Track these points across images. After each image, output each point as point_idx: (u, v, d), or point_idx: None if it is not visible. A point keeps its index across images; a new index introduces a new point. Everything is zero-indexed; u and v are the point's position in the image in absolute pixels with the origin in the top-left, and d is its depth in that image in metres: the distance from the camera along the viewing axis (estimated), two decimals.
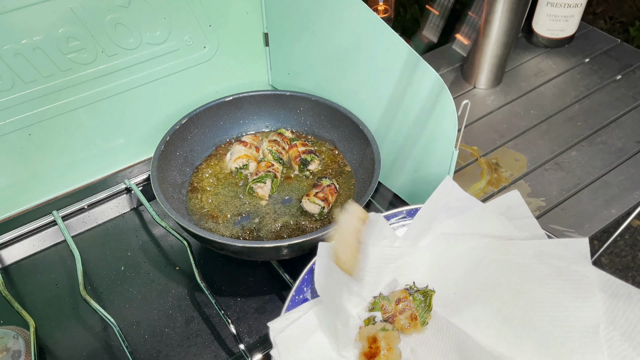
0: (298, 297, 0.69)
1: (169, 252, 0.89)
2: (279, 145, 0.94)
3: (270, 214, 0.88)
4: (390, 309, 0.68)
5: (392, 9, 1.18)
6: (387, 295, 0.70)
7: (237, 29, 0.99)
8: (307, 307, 0.68)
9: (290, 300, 0.68)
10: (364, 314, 0.69)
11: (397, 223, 0.75)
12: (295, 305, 0.68)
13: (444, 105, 0.73)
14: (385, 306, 0.68)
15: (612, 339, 0.59)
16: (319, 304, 0.67)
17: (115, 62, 0.88)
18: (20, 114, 0.84)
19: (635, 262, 1.84)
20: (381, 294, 0.70)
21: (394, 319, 0.67)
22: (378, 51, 0.79)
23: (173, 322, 0.79)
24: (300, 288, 0.69)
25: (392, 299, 0.69)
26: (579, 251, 0.62)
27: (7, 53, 0.78)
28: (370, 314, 0.68)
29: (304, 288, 0.70)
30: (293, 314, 0.66)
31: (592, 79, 1.31)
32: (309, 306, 0.68)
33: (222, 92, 1.03)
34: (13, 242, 0.89)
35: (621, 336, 0.58)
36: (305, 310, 0.67)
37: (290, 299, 0.68)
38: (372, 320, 0.68)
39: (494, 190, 1.07)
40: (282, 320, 0.65)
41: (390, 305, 0.68)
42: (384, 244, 0.71)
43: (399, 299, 0.68)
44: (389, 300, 0.69)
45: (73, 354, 0.76)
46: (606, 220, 1.01)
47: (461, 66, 1.37)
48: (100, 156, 0.96)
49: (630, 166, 1.10)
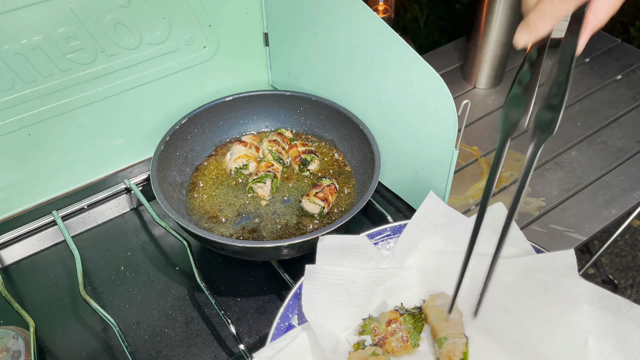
0: (283, 325, 0.67)
1: (169, 252, 0.89)
2: (279, 145, 0.94)
3: (270, 214, 0.88)
4: (381, 331, 0.66)
5: (392, 9, 1.18)
6: (377, 317, 0.68)
7: (237, 29, 0.99)
8: (293, 334, 0.66)
9: (276, 328, 0.66)
10: (353, 338, 0.67)
11: (382, 241, 0.75)
12: (281, 333, 0.66)
13: (444, 105, 0.73)
14: (376, 328, 0.66)
15: (604, 352, 0.58)
16: (305, 330, 0.66)
17: (115, 62, 0.88)
18: (20, 114, 0.84)
19: (635, 262, 1.84)
20: (370, 316, 0.68)
21: (384, 341, 0.66)
22: (378, 51, 0.79)
23: (173, 322, 0.79)
24: (285, 315, 0.67)
25: (382, 320, 0.67)
26: (567, 263, 0.61)
27: (7, 53, 0.77)
28: (360, 337, 0.66)
29: (289, 314, 0.68)
30: (279, 343, 0.64)
31: (592, 79, 1.31)
32: (295, 334, 0.66)
33: (222, 92, 1.03)
34: (13, 242, 0.89)
35: (612, 348, 0.58)
36: (291, 338, 0.65)
37: (275, 327, 0.66)
38: (362, 345, 0.66)
39: (494, 190, 1.07)
40: (267, 350, 0.63)
41: (381, 327, 0.66)
42: (370, 265, 0.70)
43: (390, 320, 0.66)
44: (379, 322, 0.67)
45: (73, 354, 0.76)
46: (606, 220, 1.01)
47: (461, 66, 1.37)
48: (100, 156, 0.96)
49: (630, 166, 1.10)
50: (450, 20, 1.83)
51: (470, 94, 1.30)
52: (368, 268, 0.69)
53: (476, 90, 1.31)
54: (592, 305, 0.60)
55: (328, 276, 0.67)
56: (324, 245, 0.69)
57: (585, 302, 0.60)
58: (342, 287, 0.67)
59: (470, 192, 1.07)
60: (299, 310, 0.68)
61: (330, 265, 0.68)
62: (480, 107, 1.26)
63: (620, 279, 1.79)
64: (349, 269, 0.68)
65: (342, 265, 0.69)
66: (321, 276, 0.67)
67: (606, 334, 0.58)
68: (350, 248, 0.70)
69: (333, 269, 0.68)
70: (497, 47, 1.22)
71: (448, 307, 0.66)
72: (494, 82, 1.30)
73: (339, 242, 0.70)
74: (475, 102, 1.27)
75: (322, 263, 0.69)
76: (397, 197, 0.93)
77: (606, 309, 0.59)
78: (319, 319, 0.65)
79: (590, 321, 0.59)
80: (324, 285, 0.67)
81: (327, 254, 0.69)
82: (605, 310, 0.59)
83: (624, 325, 0.58)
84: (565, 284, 0.61)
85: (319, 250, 0.69)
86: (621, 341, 0.57)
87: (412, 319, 0.68)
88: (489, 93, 1.30)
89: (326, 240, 0.70)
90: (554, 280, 0.61)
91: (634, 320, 0.57)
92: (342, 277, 0.68)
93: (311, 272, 0.67)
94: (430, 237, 0.72)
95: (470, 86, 1.32)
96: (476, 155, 1.15)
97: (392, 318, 0.67)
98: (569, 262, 0.61)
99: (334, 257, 0.69)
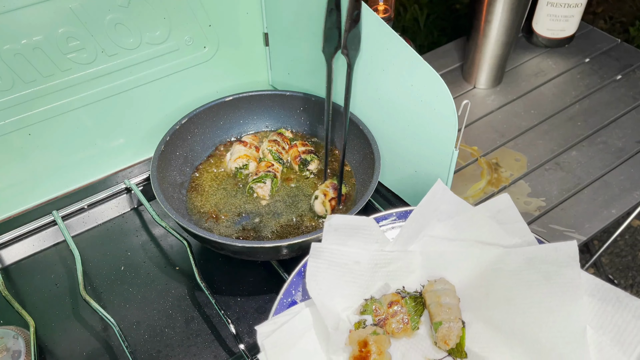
0: (286, 300, 0.68)
1: (169, 252, 0.89)
2: (278, 145, 0.95)
3: (270, 214, 0.88)
4: (382, 312, 0.67)
5: (392, 9, 1.18)
6: (379, 299, 0.69)
7: (237, 29, 0.99)
8: (296, 310, 0.66)
9: (279, 304, 0.67)
10: (354, 318, 0.68)
11: (388, 225, 0.75)
12: (284, 308, 0.67)
13: (444, 105, 0.73)
14: (377, 309, 0.67)
15: (601, 343, 0.58)
16: (309, 307, 0.67)
17: (115, 62, 0.88)
18: (20, 114, 0.84)
19: (635, 262, 1.84)
20: (372, 297, 0.69)
21: (385, 322, 0.67)
22: (378, 51, 0.79)
23: (173, 322, 0.79)
24: (288, 291, 0.68)
25: (384, 302, 0.68)
26: (568, 254, 0.61)
27: (7, 53, 0.78)
28: (361, 317, 0.68)
29: (292, 291, 0.69)
30: (281, 317, 0.65)
31: (592, 79, 1.31)
32: (298, 309, 0.67)
33: (222, 92, 1.03)
34: (13, 242, 0.89)
35: (610, 340, 0.58)
36: (293, 314, 0.66)
37: (278, 302, 0.67)
38: (363, 324, 0.67)
39: (494, 190, 1.07)
40: (270, 324, 0.64)
41: (382, 308, 0.67)
42: (374, 247, 0.71)
43: (392, 302, 0.68)
44: (381, 303, 0.68)
45: (73, 354, 0.76)
46: (606, 220, 1.01)
47: (461, 66, 1.37)
48: (100, 156, 0.96)
49: (630, 166, 1.10)
50: (450, 20, 1.83)
51: (470, 94, 1.30)
52: (373, 250, 0.70)
53: (476, 90, 1.31)
54: (592, 296, 0.60)
55: (333, 255, 0.68)
56: (331, 224, 0.69)
57: (585, 294, 0.60)
58: (347, 267, 0.68)
59: (470, 192, 1.07)
60: (303, 287, 0.69)
61: (336, 244, 0.69)
62: (480, 107, 1.26)
63: (620, 279, 1.79)
64: (354, 249, 0.69)
65: (347, 245, 0.69)
66: (326, 255, 0.68)
67: (604, 325, 0.59)
68: (357, 229, 0.70)
69: (339, 248, 0.68)
70: (497, 47, 1.22)
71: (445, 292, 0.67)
72: (494, 82, 1.30)
73: (347, 222, 0.70)
74: (475, 102, 1.27)
75: (328, 242, 0.69)
76: (397, 197, 0.93)
77: (605, 301, 0.60)
78: (321, 297, 0.65)
79: (589, 312, 0.60)
80: (329, 264, 0.67)
81: (334, 234, 0.69)
82: (604, 302, 0.60)
83: (622, 317, 0.58)
84: (566, 274, 0.61)
85: (325, 229, 0.69)
86: (619, 333, 0.58)
87: (413, 302, 0.69)
88: (489, 93, 1.30)
89: (334, 220, 0.69)
90: (555, 271, 0.61)
91: (633, 313, 0.58)
92: (347, 257, 0.68)
93: (317, 250, 0.67)
94: (435, 224, 0.72)
95: (470, 86, 1.32)
96: (476, 155, 1.15)
97: (394, 300, 0.68)
98: (570, 253, 0.61)
99: (339, 237, 0.69)
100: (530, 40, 1.41)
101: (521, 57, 1.38)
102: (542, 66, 1.36)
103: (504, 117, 1.23)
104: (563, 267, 0.61)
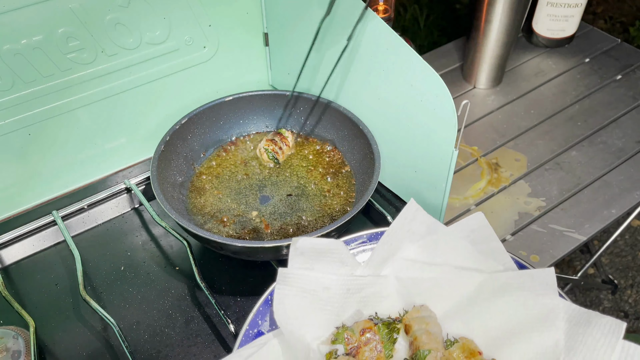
0: (252, 331, 0.64)
1: (169, 252, 0.89)
2: (276, 144, 0.95)
3: (270, 214, 0.88)
4: (354, 340, 0.63)
5: (392, 9, 1.18)
6: (351, 326, 0.65)
7: (237, 29, 0.99)
8: (263, 341, 0.63)
9: (244, 335, 0.63)
10: (325, 348, 0.63)
11: (357, 248, 0.72)
12: (249, 340, 0.63)
13: (444, 105, 0.73)
14: (349, 337, 0.64)
15: None
16: (276, 337, 0.63)
17: (115, 62, 0.88)
18: (20, 114, 0.84)
19: (635, 262, 1.84)
20: (344, 325, 0.65)
21: (357, 351, 0.63)
22: (378, 51, 0.79)
23: (173, 322, 0.79)
24: (254, 321, 0.65)
25: (356, 329, 0.64)
26: (546, 282, 0.61)
27: (7, 53, 0.78)
28: (332, 347, 0.63)
29: (259, 321, 0.65)
30: (247, 350, 0.61)
31: (592, 79, 1.31)
32: (264, 340, 0.63)
33: (222, 92, 1.03)
34: (13, 242, 0.89)
35: None
36: (260, 345, 0.62)
37: (243, 334, 0.63)
38: (334, 354, 0.63)
39: (494, 190, 1.07)
40: (234, 358, 0.60)
41: (355, 336, 0.63)
42: (344, 272, 0.67)
43: (364, 329, 0.64)
44: (353, 331, 0.64)
45: (73, 354, 0.76)
46: (606, 220, 1.01)
47: (461, 66, 1.37)
48: (100, 156, 0.96)
49: (630, 166, 1.10)
50: (450, 20, 1.83)
51: (470, 94, 1.30)
52: (343, 274, 0.67)
53: (476, 90, 1.31)
54: (568, 322, 0.59)
55: (301, 281, 0.64)
56: (297, 248, 0.66)
57: (562, 321, 0.60)
58: (316, 294, 0.64)
59: (470, 192, 1.07)
60: (270, 316, 0.65)
61: (303, 269, 0.65)
62: (480, 107, 1.26)
63: (620, 279, 1.79)
64: (323, 274, 0.65)
65: (315, 269, 0.66)
66: (294, 280, 0.64)
67: (575, 347, 0.58)
68: (325, 252, 0.67)
69: (306, 273, 0.65)
70: (497, 47, 1.22)
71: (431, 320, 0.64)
72: (494, 82, 1.30)
73: (313, 245, 0.67)
74: (475, 102, 1.27)
75: (295, 267, 0.65)
76: (397, 197, 0.93)
77: (578, 324, 0.59)
78: (290, 326, 0.62)
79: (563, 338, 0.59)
80: (297, 290, 0.64)
81: (300, 257, 0.66)
82: (577, 326, 0.59)
83: (592, 336, 0.57)
84: (545, 302, 0.60)
85: (291, 252, 0.66)
86: (589, 352, 0.57)
87: (386, 328, 0.65)
88: (489, 93, 1.30)
89: (300, 243, 0.66)
90: (533, 298, 0.61)
91: (601, 331, 0.57)
92: (315, 283, 0.65)
93: (283, 276, 0.64)
94: (408, 246, 0.69)
95: (470, 86, 1.32)
96: (476, 155, 1.15)
97: (366, 327, 0.64)
98: (548, 280, 0.61)
99: (306, 261, 0.66)
100: (530, 40, 1.41)
101: (521, 57, 1.39)
102: (542, 66, 1.36)
103: (504, 117, 1.23)
104: (541, 296, 0.60)
